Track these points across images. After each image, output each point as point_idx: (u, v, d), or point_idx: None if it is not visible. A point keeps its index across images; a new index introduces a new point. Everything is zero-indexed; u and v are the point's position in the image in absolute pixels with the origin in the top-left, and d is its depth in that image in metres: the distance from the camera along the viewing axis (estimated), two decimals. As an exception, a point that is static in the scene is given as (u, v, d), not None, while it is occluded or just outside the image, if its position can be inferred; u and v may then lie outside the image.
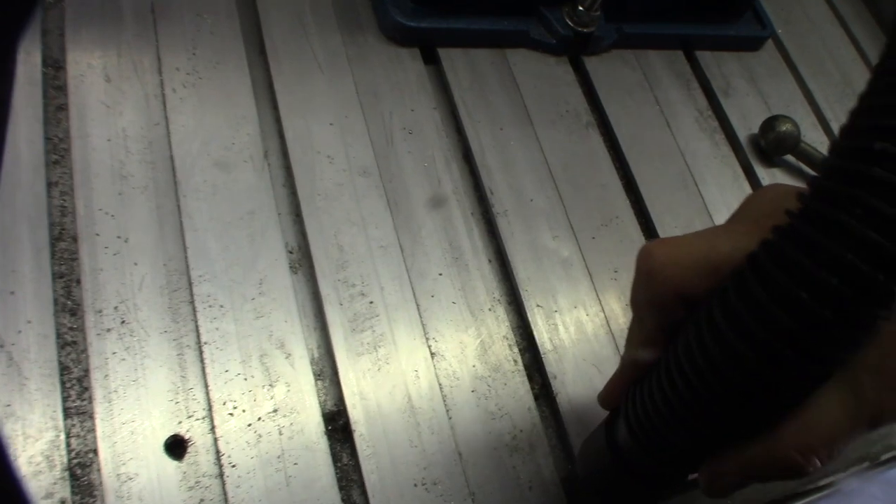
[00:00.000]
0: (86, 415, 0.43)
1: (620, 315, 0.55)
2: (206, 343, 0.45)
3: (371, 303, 0.50)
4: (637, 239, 0.58)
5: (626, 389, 0.34)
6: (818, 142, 0.70)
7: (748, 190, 0.66)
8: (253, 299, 0.48)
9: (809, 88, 0.74)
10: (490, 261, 0.55)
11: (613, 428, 0.36)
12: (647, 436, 0.31)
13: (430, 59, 0.61)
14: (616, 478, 0.37)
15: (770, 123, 0.65)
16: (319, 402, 0.47)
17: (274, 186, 0.53)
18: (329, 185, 0.53)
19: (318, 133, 0.54)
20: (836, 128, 0.74)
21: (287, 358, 0.47)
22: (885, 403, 0.26)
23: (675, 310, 0.29)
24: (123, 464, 0.41)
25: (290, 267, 0.51)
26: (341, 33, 0.60)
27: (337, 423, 0.48)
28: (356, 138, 0.55)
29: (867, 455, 0.58)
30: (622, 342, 0.53)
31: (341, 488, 0.45)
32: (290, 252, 0.52)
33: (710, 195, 0.63)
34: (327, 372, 0.49)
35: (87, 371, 0.43)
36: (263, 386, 0.46)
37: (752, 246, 0.24)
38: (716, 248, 0.27)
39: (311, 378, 0.47)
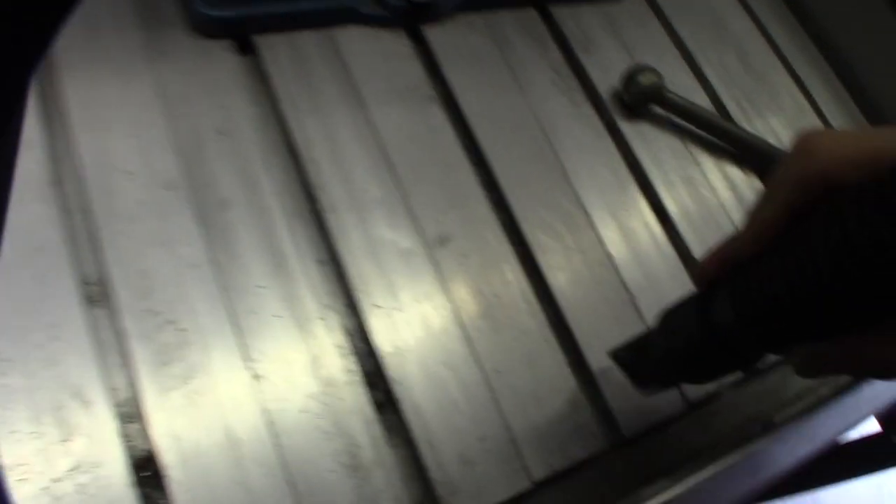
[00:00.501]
0: None
1: (470, 303, 0.51)
2: (-14, 404, 0.41)
3: (181, 330, 0.45)
4: (488, 219, 0.54)
5: (730, 266, 0.34)
6: (690, 88, 0.66)
7: (612, 150, 0.61)
8: (43, 346, 0.44)
9: (679, 34, 0.69)
10: (322, 262, 0.50)
11: (708, 303, 0.36)
12: (760, 316, 0.31)
13: (247, 49, 0.56)
14: (703, 353, 0.37)
15: (630, 75, 0.61)
16: (127, 450, 0.43)
17: (67, 215, 0.47)
18: (130, 204, 0.48)
19: (118, 148, 0.49)
20: (709, 73, 0.69)
21: (85, 407, 0.43)
22: None
23: (816, 192, 0.29)
24: None
25: (91, 301, 0.46)
26: (142, 30, 0.54)
27: (149, 470, 0.44)
28: (160, 149, 0.50)
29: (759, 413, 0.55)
30: (474, 333, 0.50)
31: (154, 542, 0.40)
32: (89, 284, 0.47)
33: (570, 160, 0.59)
34: (136, 413, 0.44)
35: None
36: (59, 442, 0.42)
37: None
38: (880, 139, 0.27)
39: (114, 425, 0.43)
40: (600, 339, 0.53)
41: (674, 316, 0.41)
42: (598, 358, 0.52)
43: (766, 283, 0.30)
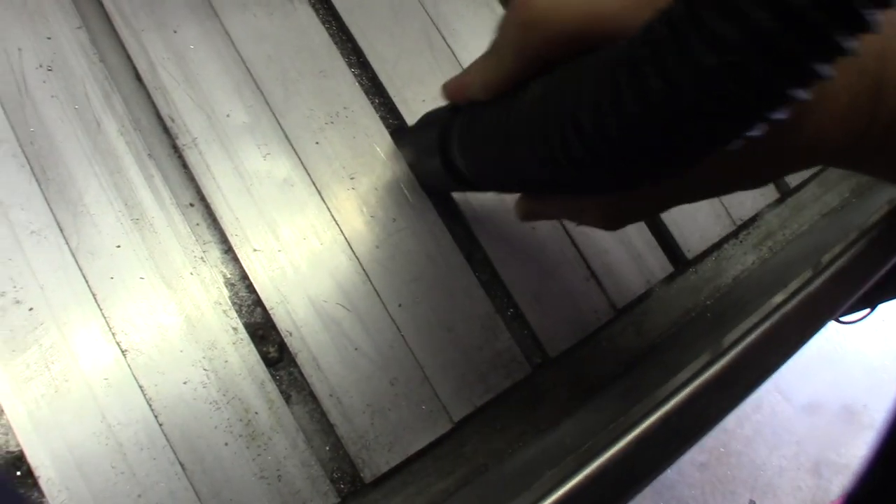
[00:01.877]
0: None
1: (363, 231, 0.46)
2: None
3: (31, 310, 0.40)
4: (375, 129, 0.49)
5: (466, 101, 0.36)
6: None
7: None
8: None
9: None
10: (192, 205, 0.45)
11: (446, 138, 0.38)
12: (481, 169, 0.34)
13: (67, -40, 0.48)
14: (438, 172, 0.40)
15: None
16: (-11, 452, 0.38)
17: None
18: (-53, 168, 0.41)
19: (-79, 101, 0.42)
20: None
21: (-71, 411, 0.38)
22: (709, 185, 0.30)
23: (537, 63, 0.29)
24: None
25: (-74, 286, 0.41)
26: (-65, -46, 0.46)
27: (21, 470, 0.40)
28: (-25, 96, 0.43)
29: (695, 305, 0.52)
30: (371, 265, 0.46)
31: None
32: (-78, 267, 0.41)
33: (463, 49, 0.53)
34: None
35: None
36: None
37: (639, 19, 0.22)
38: (601, 15, 0.26)
39: (-33, 427, 0.38)
40: (515, 252, 0.49)
41: (423, 134, 0.43)
42: (513, 274, 0.48)
43: (488, 141, 0.32)
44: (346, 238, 0.47)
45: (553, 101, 0.26)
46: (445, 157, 0.39)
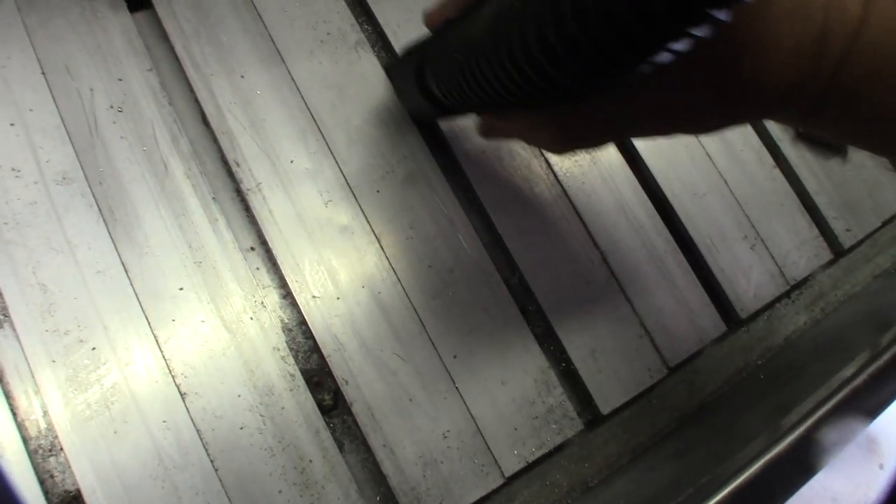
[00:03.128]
0: None
1: (421, 281, 0.47)
2: None
3: (93, 349, 0.41)
4: (435, 180, 0.49)
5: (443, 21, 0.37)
6: None
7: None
8: (-64, 382, 0.39)
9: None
10: (252, 249, 0.46)
11: (421, 62, 0.40)
12: (445, 82, 0.35)
13: (139, 5, 0.50)
14: (419, 100, 0.42)
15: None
16: (49, 489, 0.39)
17: (-51, 223, 0.42)
18: (18, 206, 0.43)
19: (-3, 139, 0.44)
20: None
21: (-8, 447, 0.39)
22: (647, 116, 0.30)
23: None
24: None
25: (-9, 323, 0.42)
26: (15, -4, 0.47)
27: (76, 510, 0.40)
28: (48, 136, 0.44)
29: (747, 364, 0.52)
30: (427, 316, 0.46)
31: None
32: (-12, 303, 0.42)
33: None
34: (59, 445, 0.40)
35: None
36: (-36, 491, 0.38)
37: None
38: None
39: (29, 464, 0.39)
40: (570, 307, 0.49)
41: (403, 65, 0.45)
42: (568, 329, 0.49)
43: (450, 56, 0.33)
44: (403, 287, 0.47)
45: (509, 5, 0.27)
46: (421, 82, 0.41)
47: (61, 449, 0.40)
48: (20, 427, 0.40)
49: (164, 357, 0.42)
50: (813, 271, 0.57)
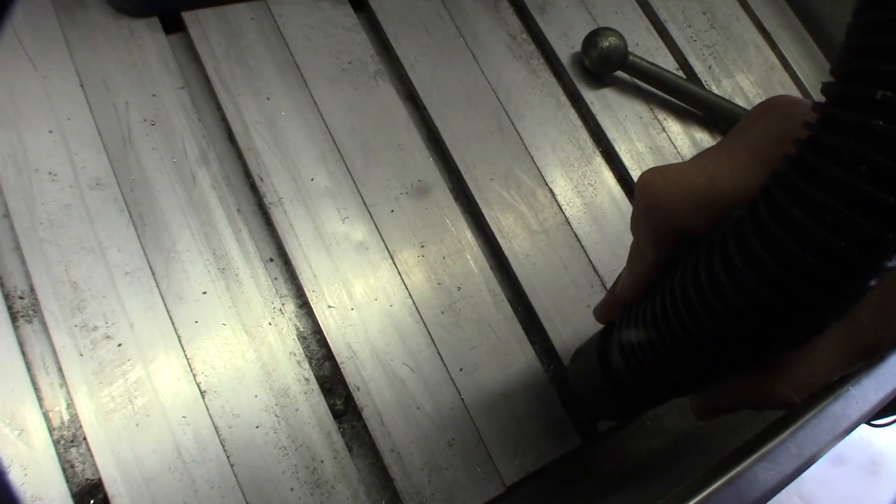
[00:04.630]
0: None
1: (431, 297, 0.49)
2: None
3: (119, 346, 0.43)
4: (446, 202, 0.52)
5: (621, 310, 0.35)
6: (652, 48, 0.65)
7: (574, 119, 0.60)
8: (-33, 370, 0.41)
9: (641, -14, 0.67)
10: (272, 259, 0.49)
11: (606, 346, 0.37)
12: (639, 363, 0.32)
13: (174, 27, 0.53)
14: (605, 392, 0.38)
15: (592, 39, 0.59)
16: (70, 478, 0.41)
17: (-13, 222, 0.45)
18: (53, 208, 0.45)
19: (35, 145, 0.47)
20: (672, 30, 0.68)
21: (19, 435, 0.41)
22: (882, 338, 0.28)
23: (674, 244, 0.29)
24: None
25: (23, 316, 0.44)
26: (57, 13, 0.51)
27: (97, 498, 0.42)
28: (84, 144, 0.47)
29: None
30: (436, 330, 0.49)
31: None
32: (21, 298, 0.45)
33: (529, 134, 0.57)
34: (81, 435, 0.42)
35: None
36: (-9, 475, 0.40)
37: (755, 181, 0.24)
38: (717, 184, 0.27)
39: (53, 453, 0.41)
40: (570, 327, 0.52)
41: (580, 359, 0.42)
42: (568, 347, 0.51)
43: (642, 329, 0.31)
44: (413, 302, 0.50)
45: (696, 269, 0.26)
46: (605, 370, 0.37)
47: (84, 440, 0.43)
48: (45, 417, 0.42)
49: (186, 356, 0.45)
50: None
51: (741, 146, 0.27)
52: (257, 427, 0.44)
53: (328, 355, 0.48)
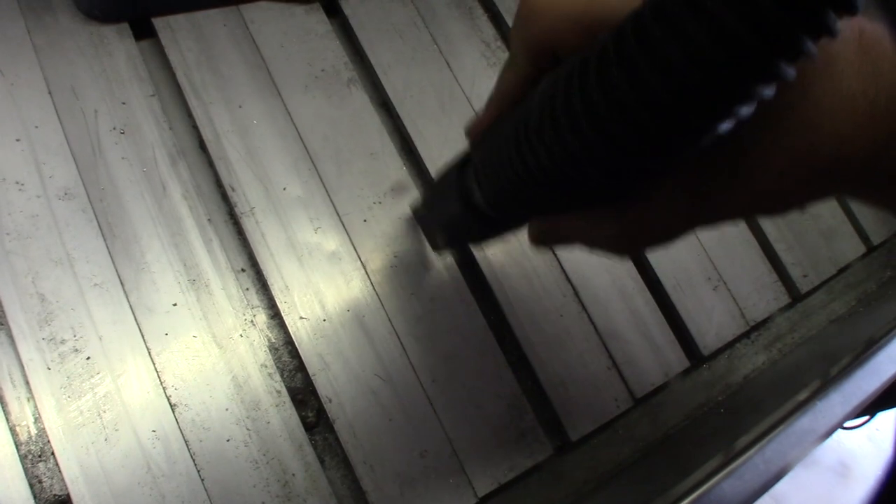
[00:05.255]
0: None
1: (404, 307, 0.49)
2: None
3: (88, 359, 0.43)
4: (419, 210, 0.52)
5: (483, 132, 0.35)
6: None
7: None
8: (-68, 384, 0.40)
9: None
10: (243, 270, 0.48)
11: (463, 176, 0.37)
12: (492, 185, 0.32)
13: (145, 33, 0.52)
14: (461, 216, 0.38)
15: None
16: (37, 493, 0.41)
17: (-49, 232, 0.44)
18: (21, 219, 0.44)
19: (2, 154, 0.46)
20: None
21: (-16, 449, 0.40)
22: (729, 204, 0.27)
23: (544, 58, 0.29)
24: None
25: (-13, 329, 0.43)
26: (25, 18, 0.50)
27: (64, 513, 0.42)
28: (52, 153, 0.46)
29: (708, 400, 0.55)
30: (408, 341, 0.48)
31: None
32: (-15, 310, 0.44)
33: (504, 142, 0.57)
34: (49, 450, 0.42)
35: None
36: (-44, 491, 0.39)
37: (632, 4, 0.22)
38: (597, 6, 0.27)
39: (20, 468, 0.41)
40: (543, 336, 0.52)
41: (442, 182, 0.42)
42: (541, 359, 0.51)
43: (495, 157, 0.31)
44: (386, 313, 0.50)
45: (554, 93, 0.25)
46: (464, 192, 0.37)
47: (51, 454, 0.42)
48: (12, 431, 0.42)
49: (156, 369, 0.44)
50: (772, 314, 0.60)
51: None
52: (228, 440, 0.44)
53: (300, 367, 0.48)
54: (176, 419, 0.43)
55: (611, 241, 0.32)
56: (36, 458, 0.42)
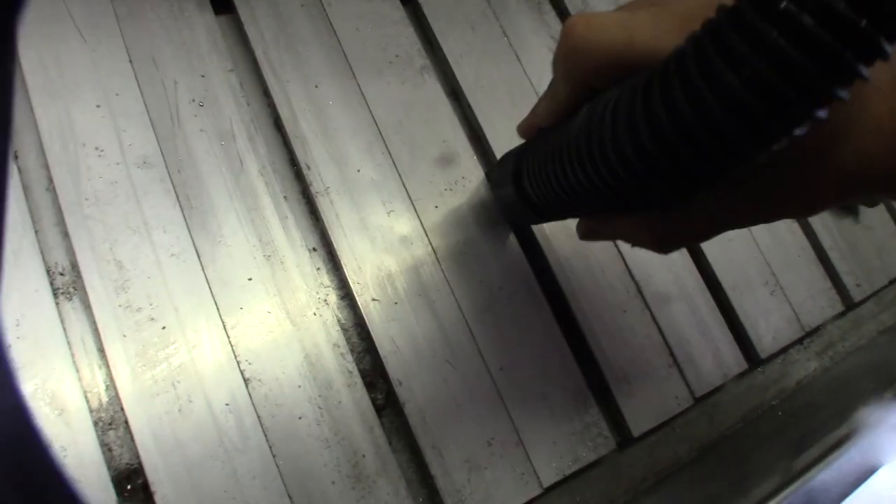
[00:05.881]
0: None
1: (473, 294, 0.48)
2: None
3: (163, 328, 0.41)
4: (490, 201, 0.51)
5: (535, 133, 0.39)
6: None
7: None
8: (10, 346, 0.39)
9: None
10: (315, 249, 0.47)
11: (518, 171, 0.40)
12: (542, 190, 0.36)
13: (224, 8, 0.51)
14: (515, 202, 0.43)
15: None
16: (108, 462, 0.39)
17: (30, 194, 0.43)
18: (99, 184, 0.43)
19: (82, 119, 0.44)
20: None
21: (59, 415, 0.39)
22: (752, 215, 0.30)
23: (584, 88, 0.31)
24: None
25: (63, 293, 0.42)
26: (107, -15, 0.48)
27: (135, 483, 0.40)
28: (132, 121, 0.45)
29: (762, 403, 0.54)
30: (477, 328, 0.47)
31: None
32: (61, 274, 0.42)
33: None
34: (120, 418, 0.40)
35: None
36: (30, 455, 0.37)
37: (669, 47, 0.24)
38: (634, 44, 0.28)
39: (93, 435, 0.39)
40: (607, 331, 0.51)
41: (503, 167, 0.45)
42: (605, 353, 0.50)
43: (541, 169, 0.34)
44: (456, 298, 0.48)
45: (595, 120, 0.28)
46: (518, 187, 0.41)
47: (122, 423, 0.41)
48: (85, 398, 0.40)
49: (230, 342, 0.43)
50: (825, 321, 0.59)
51: (669, 12, 0.28)
52: (300, 418, 0.42)
53: (368, 348, 0.46)
54: (249, 394, 0.42)
55: (648, 240, 0.34)
56: (106, 425, 0.41)
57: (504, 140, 0.54)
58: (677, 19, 0.27)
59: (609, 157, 0.26)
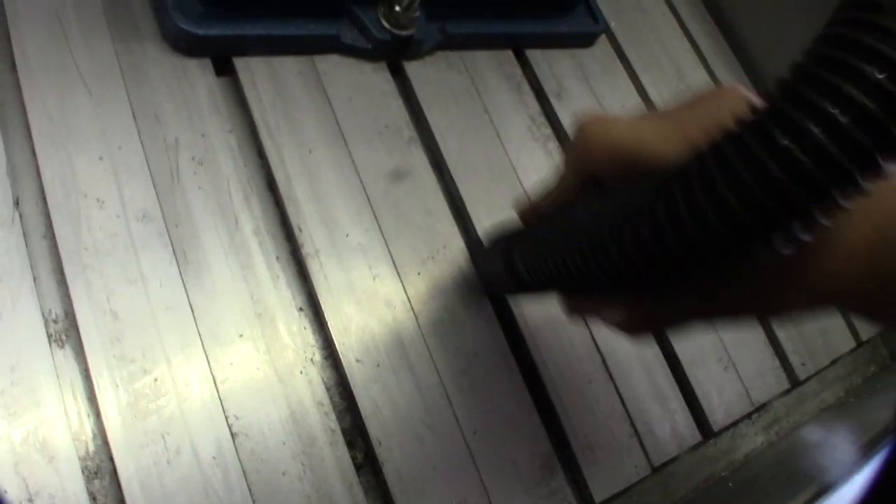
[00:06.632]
0: None
1: (451, 360, 0.50)
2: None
3: (155, 380, 0.42)
4: (469, 271, 0.53)
5: (533, 219, 0.41)
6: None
7: (585, 203, 0.62)
8: (3, 392, 0.40)
9: (642, 83, 0.71)
10: (301, 309, 0.49)
11: (511, 251, 0.41)
12: (535, 269, 0.37)
13: (225, 71, 0.53)
14: (503, 277, 0.43)
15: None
16: (95, 511, 0.40)
17: (29, 241, 0.44)
18: (99, 235, 0.44)
19: (85, 170, 0.46)
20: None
21: (50, 462, 0.40)
22: (736, 308, 0.32)
23: (591, 181, 0.34)
24: None
25: (55, 340, 0.43)
26: (113, 41, 0.51)
27: (120, 533, 0.41)
28: (133, 174, 0.47)
29: (713, 474, 0.57)
30: (454, 392, 0.50)
31: None
32: (55, 321, 0.43)
33: (545, 212, 0.59)
34: (106, 468, 0.41)
35: None
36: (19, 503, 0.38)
37: (675, 156, 0.27)
38: (642, 151, 0.30)
39: (82, 483, 0.40)
40: (575, 401, 0.54)
41: (494, 244, 0.47)
42: (571, 421, 0.53)
43: (539, 249, 0.36)
44: (434, 363, 0.51)
45: (605, 218, 0.29)
46: (509, 263, 0.42)
47: (108, 472, 0.42)
48: (75, 446, 0.41)
49: (219, 397, 0.44)
50: (772, 397, 0.63)
51: (677, 124, 0.30)
52: (284, 474, 0.44)
53: (349, 408, 0.48)
54: (236, 448, 0.43)
55: (622, 324, 0.36)
56: (92, 474, 0.42)
57: (482, 212, 0.57)
58: (681, 131, 0.30)
59: (627, 248, 0.28)
